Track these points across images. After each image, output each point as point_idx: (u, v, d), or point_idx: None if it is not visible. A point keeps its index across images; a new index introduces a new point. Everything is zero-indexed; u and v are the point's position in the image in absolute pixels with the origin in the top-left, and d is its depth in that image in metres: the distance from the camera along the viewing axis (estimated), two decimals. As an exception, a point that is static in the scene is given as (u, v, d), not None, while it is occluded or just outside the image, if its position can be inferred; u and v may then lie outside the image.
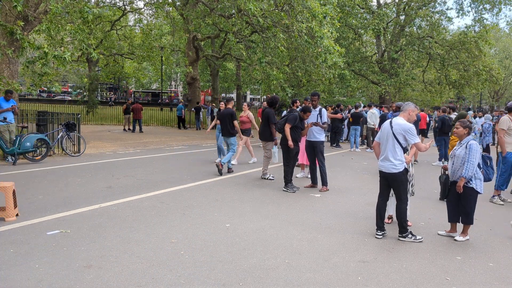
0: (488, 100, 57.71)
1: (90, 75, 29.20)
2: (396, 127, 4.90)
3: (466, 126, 5.15)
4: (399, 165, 4.90)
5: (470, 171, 4.91)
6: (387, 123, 5.10)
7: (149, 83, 63.34)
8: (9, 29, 9.28)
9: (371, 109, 15.26)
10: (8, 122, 9.74)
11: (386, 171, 4.97)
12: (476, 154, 4.94)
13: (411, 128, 4.83)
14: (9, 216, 5.22)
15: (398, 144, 4.88)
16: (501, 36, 51.99)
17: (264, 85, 19.13)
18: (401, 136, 4.86)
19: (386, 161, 4.96)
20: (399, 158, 4.90)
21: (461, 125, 5.17)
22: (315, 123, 7.74)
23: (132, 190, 7.13)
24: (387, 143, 4.97)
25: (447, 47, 26.28)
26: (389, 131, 4.98)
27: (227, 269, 3.96)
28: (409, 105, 5.08)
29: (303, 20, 13.79)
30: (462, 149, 5.05)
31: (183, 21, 21.96)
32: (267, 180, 8.55)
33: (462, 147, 5.08)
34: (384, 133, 5.07)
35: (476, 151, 4.95)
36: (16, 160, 9.52)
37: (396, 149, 4.89)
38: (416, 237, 4.99)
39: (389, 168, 4.93)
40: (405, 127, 4.84)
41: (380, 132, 5.19)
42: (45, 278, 3.62)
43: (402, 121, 4.93)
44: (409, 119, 5.01)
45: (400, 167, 4.90)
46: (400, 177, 4.92)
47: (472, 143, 4.99)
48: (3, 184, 5.27)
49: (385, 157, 4.99)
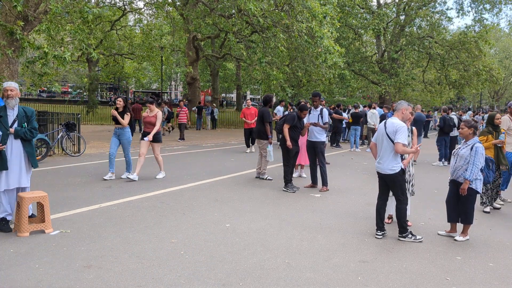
0: (488, 100, 57.71)
1: (90, 75, 29.21)
2: (389, 126, 4.90)
3: (471, 126, 5.08)
4: (394, 166, 4.88)
5: (474, 173, 4.89)
6: (382, 123, 5.11)
7: (149, 83, 63.33)
8: (9, 29, 9.27)
9: (372, 109, 15.27)
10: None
11: (383, 173, 4.96)
12: (481, 158, 4.92)
13: (401, 127, 4.79)
14: (48, 227, 4.83)
15: (393, 144, 4.86)
16: (501, 36, 52.01)
17: (264, 85, 19.15)
18: (393, 135, 4.83)
19: (382, 162, 4.95)
20: (395, 159, 4.89)
21: (466, 125, 5.10)
22: (314, 123, 7.73)
23: (132, 190, 7.13)
24: (382, 144, 4.96)
25: (447, 47, 26.28)
26: (383, 132, 4.97)
27: (227, 269, 3.96)
28: (402, 103, 5.08)
29: (303, 20, 13.79)
30: (467, 150, 5.00)
31: (183, 21, 21.96)
32: (266, 180, 8.54)
33: (467, 147, 5.02)
34: (379, 134, 5.06)
35: (481, 154, 4.92)
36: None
37: (392, 150, 4.87)
38: (416, 237, 4.98)
39: (385, 169, 4.92)
40: (395, 126, 4.82)
41: (376, 133, 5.19)
42: (45, 278, 3.61)
43: (396, 121, 4.91)
44: (403, 118, 5.00)
45: (396, 168, 4.88)
46: (396, 178, 4.90)
47: (478, 146, 4.94)
48: (40, 194, 4.86)
49: (381, 158, 4.98)
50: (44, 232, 4.79)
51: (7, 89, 4.81)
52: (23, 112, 4.97)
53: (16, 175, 4.90)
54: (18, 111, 4.94)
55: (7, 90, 4.81)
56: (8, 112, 4.85)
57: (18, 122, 4.90)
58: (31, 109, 5.11)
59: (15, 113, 4.89)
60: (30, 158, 5.02)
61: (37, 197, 4.82)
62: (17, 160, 4.90)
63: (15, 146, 4.90)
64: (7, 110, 4.84)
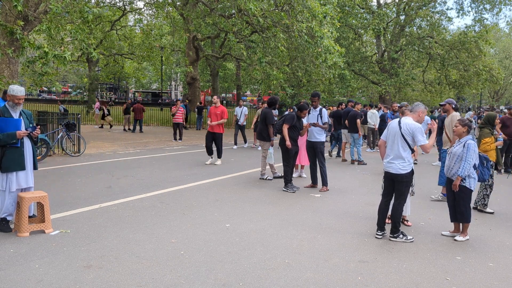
0: (488, 100, 57.70)
1: (90, 75, 29.19)
2: (405, 127, 4.86)
3: (465, 125, 5.15)
4: (407, 166, 4.87)
5: (466, 170, 4.91)
6: (395, 122, 5.03)
7: (149, 83, 63.33)
8: (9, 29, 9.28)
9: (371, 109, 15.25)
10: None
11: (394, 172, 4.91)
12: (473, 154, 4.94)
13: (417, 128, 4.79)
14: (48, 227, 4.84)
15: (407, 144, 4.84)
16: (501, 36, 52.02)
17: (264, 85, 19.16)
18: (409, 136, 4.82)
19: (394, 161, 4.91)
20: (407, 159, 4.88)
21: (460, 124, 5.18)
22: (314, 123, 7.72)
23: (132, 190, 7.13)
24: (395, 143, 4.92)
25: (447, 47, 26.28)
26: (397, 131, 4.92)
27: (227, 269, 3.96)
28: (419, 106, 5.03)
29: (303, 20, 13.79)
30: (460, 147, 5.07)
31: (183, 21, 21.97)
32: (266, 180, 8.55)
33: (460, 145, 5.09)
34: (391, 133, 5.01)
35: (473, 151, 4.96)
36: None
37: (405, 150, 4.86)
38: (407, 237, 4.97)
39: (397, 169, 4.87)
40: (414, 128, 4.81)
41: (387, 131, 5.11)
42: (45, 278, 3.61)
43: (411, 121, 4.88)
44: (419, 120, 4.97)
45: (408, 168, 4.87)
46: (407, 177, 4.89)
47: (470, 143, 5.00)
48: (40, 194, 4.89)
49: (392, 157, 4.93)
50: (44, 232, 4.79)
51: (20, 98, 4.85)
52: (24, 114, 5.03)
53: (28, 175, 5.00)
54: (20, 112, 4.99)
55: (19, 99, 4.84)
56: (12, 113, 4.88)
57: (25, 123, 4.99)
58: (29, 112, 5.20)
59: (17, 114, 4.94)
60: (33, 159, 5.11)
61: (37, 197, 4.83)
62: (28, 160, 5.00)
63: (27, 145, 4.99)
64: (10, 112, 4.87)
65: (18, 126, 4.81)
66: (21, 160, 4.86)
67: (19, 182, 4.91)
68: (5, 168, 4.76)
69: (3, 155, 4.75)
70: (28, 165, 4.99)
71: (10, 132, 4.72)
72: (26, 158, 4.94)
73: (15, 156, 4.81)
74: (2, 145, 4.73)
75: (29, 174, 5.02)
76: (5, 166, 4.75)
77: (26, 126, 4.97)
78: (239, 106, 15.34)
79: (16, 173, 4.86)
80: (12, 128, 4.75)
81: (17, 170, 4.84)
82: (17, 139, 4.77)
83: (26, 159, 4.93)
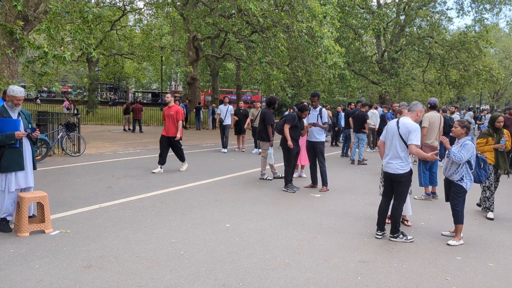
0: (488, 100, 57.68)
1: (90, 75, 29.20)
2: (402, 127, 4.87)
3: (464, 126, 5.16)
4: (405, 166, 4.87)
5: (457, 156, 4.89)
6: (393, 122, 5.05)
7: (149, 83, 63.31)
8: (9, 29, 9.27)
9: (372, 109, 15.23)
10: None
11: (392, 172, 4.92)
12: (468, 151, 4.94)
13: (414, 128, 4.79)
14: (48, 227, 4.83)
15: (404, 144, 4.84)
16: (501, 36, 51.97)
17: (264, 85, 19.15)
18: (406, 136, 4.83)
19: (392, 161, 4.92)
20: (405, 159, 4.88)
21: (459, 125, 5.19)
22: (314, 123, 7.73)
23: (132, 190, 7.13)
24: (393, 143, 4.93)
25: (447, 47, 26.28)
26: (395, 131, 4.93)
27: (227, 269, 3.95)
28: (417, 105, 5.03)
29: (303, 20, 13.79)
30: (457, 148, 5.08)
31: (183, 21, 21.96)
32: (266, 180, 8.55)
33: (458, 145, 5.11)
34: (390, 134, 5.02)
35: (468, 149, 4.96)
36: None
37: (403, 150, 4.86)
38: (407, 237, 4.97)
39: (395, 169, 4.88)
40: (411, 127, 4.81)
41: (386, 131, 5.14)
42: (45, 278, 3.61)
43: (408, 121, 4.89)
44: (417, 119, 4.98)
45: (406, 168, 4.87)
46: (405, 177, 4.89)
47: (468, 143, 5.02)
48: (40, 194, 4.88)
49: (390, 157, 4.94)
50: (44, 232, 4.79)
51: (20, 99, 4.85)
52: (22, 114, 5.03)
53: (28, 175, 5.00)
54: (19, 113, 4.99)
55: (19, 99, 4.85)
56: (10, 114, 4.88)
57: (24, 124, 4.99)
58: (27, 112, 5.20)
59: (16, 114, 4.94)
60: (33, 159, 5.12)
61: (37, 197, 4.83)
62: (27, 160, 4.99)
63: (26, 146, 4.99)
64: (9, 112, 4.87)
65: (17, 127, 4.81)
66: (20, 160, 4.86)
67: (18, 182, 4.91)
68: (4, 168, 4.76)
69: (2, 155, 4.75)
70: (28, 165, 5.00)
71: (9, 132, 4.72)
72: (25, 158, 4.94)
73: (14, 156, 4.81)
74: (1, 146, 4.74)
75: (29, 174, 5.02)
76: (4, 166, 4.76)
77: (25, 126, 4.97)
78: (224, 104, 13.74)
79: (15, 173, 4.86)
80: (10, 128, 4.75)
81: (16, 170, 4.84)
82: (15, 140, 4.77)
83: (25, 159, 4.93)
